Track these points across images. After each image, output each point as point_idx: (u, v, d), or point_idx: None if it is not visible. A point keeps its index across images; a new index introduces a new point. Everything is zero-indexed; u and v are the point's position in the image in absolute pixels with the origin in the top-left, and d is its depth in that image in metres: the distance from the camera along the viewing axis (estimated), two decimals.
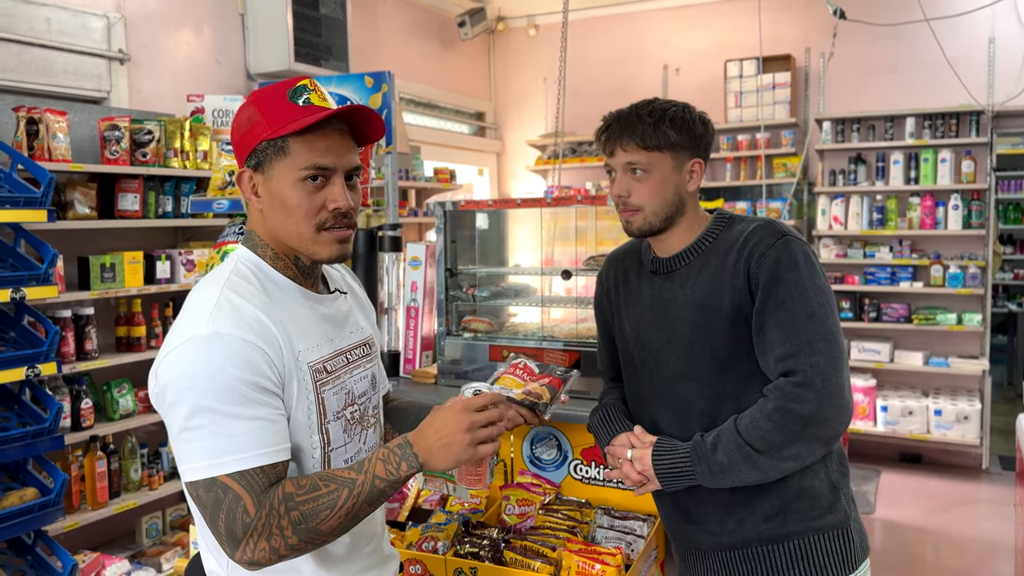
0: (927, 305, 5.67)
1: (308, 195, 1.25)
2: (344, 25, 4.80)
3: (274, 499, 1.15)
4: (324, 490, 1.17)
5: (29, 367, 2.87)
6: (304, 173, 1.24)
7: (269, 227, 1.30)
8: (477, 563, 1.81)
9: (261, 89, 1.30)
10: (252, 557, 1.14)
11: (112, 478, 3.38)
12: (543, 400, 1.42)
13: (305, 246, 1.28)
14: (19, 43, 3.41)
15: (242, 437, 1.15)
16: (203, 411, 1.14)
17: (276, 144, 1.24)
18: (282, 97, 1.25)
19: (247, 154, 1.27)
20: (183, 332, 1.19)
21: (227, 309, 1.19)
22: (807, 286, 1.49)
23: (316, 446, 1.27)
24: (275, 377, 1.20)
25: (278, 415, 1.20)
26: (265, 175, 1.27)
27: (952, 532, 4.48)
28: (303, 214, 1.26)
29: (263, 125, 1.24)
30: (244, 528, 1.13)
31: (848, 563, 1.57)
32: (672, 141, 1.56)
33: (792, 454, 1.46)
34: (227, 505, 1.13)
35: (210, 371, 1.14)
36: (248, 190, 1.29)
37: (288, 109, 1.24)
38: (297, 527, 1.15)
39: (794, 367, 1.46)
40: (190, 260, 3.72)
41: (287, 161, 1.24)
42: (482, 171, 7.38)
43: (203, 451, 1.14)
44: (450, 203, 2.48)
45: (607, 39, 6.78)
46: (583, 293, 2.50)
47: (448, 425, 1.25)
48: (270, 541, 1.14)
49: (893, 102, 5.74)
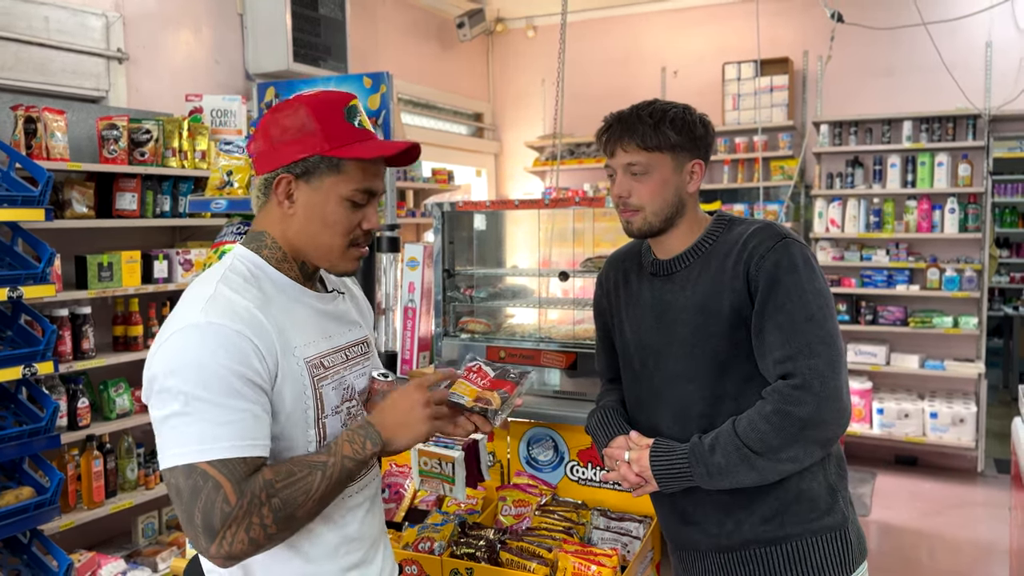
0: (923, 308, 5.69)
1: (349, 214, 1.30)
2: (343, 26, 4.80)
3: (255, 486, 1.14)
4: (300, 474, 1.18)
5: (26, 366, 2.87)
6: (354, 195, 1.29)
7: (291, 233, 1.32)
8: (473, 564, 1.81)
9: (312, 96, 1.31)
10: (229, 550, 1.13)
11: (108, 477, 3.37)
12: (492, 407, 1.40)
13: (330, 259, 1.33)
14: (17, 42, 3.41)
15: (228, 426, 1.14)
16: (190, 398, 1.14)
17: (332, 161, 1.28)
18: (339, 114, 1.29)
19: (292, 160, 1.28)
20: (176, 322, 1.20)
21: (221, 301, 1.21)
22: (806, 289, 1.49)
23: (311, 440, 1.28)
24: (264, 372, 1.20)
25: (262, 411, 1.19)
26: (311, 186, 1.29)
27: (947, 535, 4.49)
28: (341, 231, 1.30)
29: (320, 139, 1.27)
30: (223, 518, 1.11)
31: (846, 565, 1.58)
32: (672, 142, 1.56)
33: (790, 456, 1.47)
34: (206, 494, 1.12)
35: (201, 359, 1.15)
36: (283, 194, 1.30)
37: (347, 130, 1.29)
38: (277, 514, 1.15)
39: (793, 370, 1.47)
40: (188, 260, 3.72)
41: (339, 179, 1.28)
42: (480, 172, 7.39)
43: (187, 437, 1.14)
44: (448, 204, 2.48)
45: (606, 41, 6.79)
46: (580, 294, 2.51)
47: (405, 403, 1.31)
48: (249, 532, 1.13)
49: (890, 105, 5.75)
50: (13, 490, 2.87)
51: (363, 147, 1.28)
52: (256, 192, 1.34)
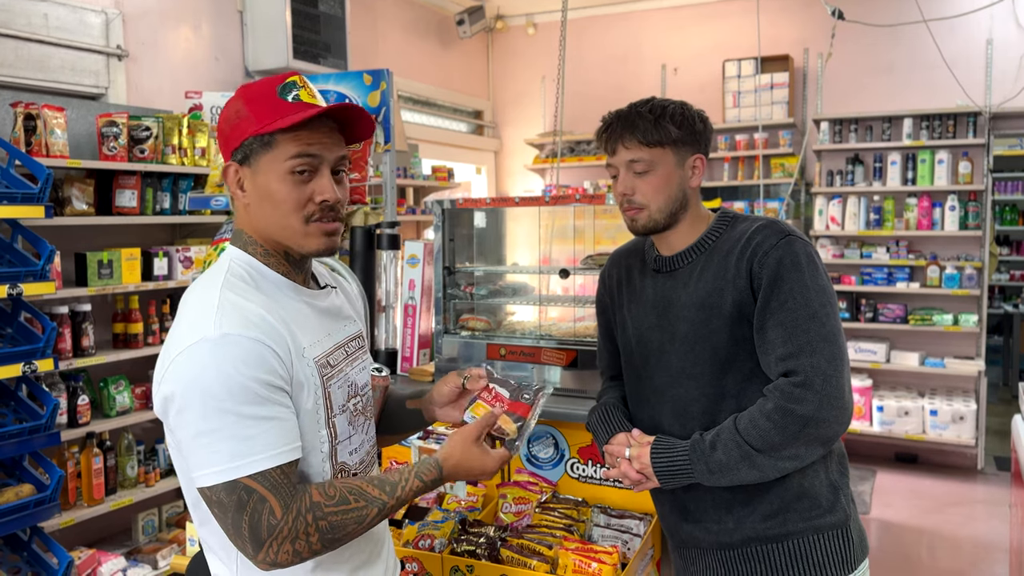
0: (923, 306, 5.69)
1: (295, 188, 1.25)
2: (343, 22, 4.79)
3: (302, 506, 1.16)
4: (354, 504, 1.21)
5: (26, 363, 2.87)
6: (290, 164, 1.24)
7: (256, 222, 1.30)
8: (474, 561, 1.81)
9: (249, 84, 1.30)
10: (275, 559, 1.16)
11: (108, 475, 3.37)
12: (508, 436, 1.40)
13: (294, 239, 1.28)
14: (17, 39, 3.41)
15: (260, 437, 1.14)
16: (218, 413, 1.13)
17: (263, 139, 1.25)
18: (271, 93, 1.26)
19: (233, 148, 1.27)
20: (188, 336, 1.17)
21: (231, 310, 1.19)
22: (809, 286, 1.49)
23: (324, 440, 1.28)
24: (284, 374, 1.20)
25: (289, 413, 1.20)
26: (252, 169, 1.27)
27: (947, 533, 4.49)
28: (290, 207, 1.26)
29: (251, 120, 1.25)
30: (269, 530, 1.14)
31: (847, 563, 1.57)
32: (673, 136, 1.56)
33: (791, 454, 1.47)
34: (252, 507, 1.13)
35: (222, 373, 1.13)
36: (234, 184, 1.29)
37: (277, 105, 1.25)
38: (324, 535, 1.18)
39: (795, 367, 1.46)
40: (187, 257, 3.72)
41: (274, 154, 1.25)
42: (480, 169, 7.38)
43: (222, 454, 1.13)
44: (448, 201, 2.48)
45: (606, 38, 6.78)
46: (581, 292, 2.51)
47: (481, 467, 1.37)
48: (294, 544, 1.16)
49: (891, 103, 5.75)
50: (13, 487, 2.87)
51: (290, 117, 1.23)
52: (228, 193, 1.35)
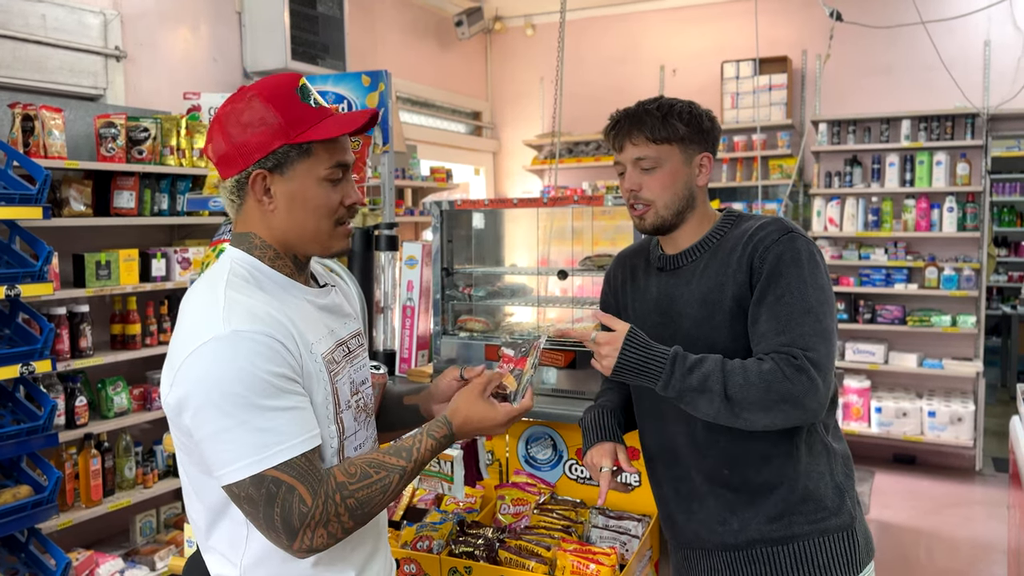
0: (922, 307, 5.69)
1: (329, 193, 1.30)
2: (341, 24, 4.79)
3: (328, 488, 1.18)
4: (376, 476, 1.24)
5: (24, 364, 2.87)
6: (329, 173, 1.29)
7: (279, 226, 1.29)
8: (472, 563, 1.81)
9: (263, 85, 1.28)
10: (312, 544, 1.17)
11: (106, 476, 3.37)
12: (509, 390, 1.45)
13: (320, 241, 1.32)
14: (15, 39, 3.40)
15: (281, 428, 1.16)
16: (237, 408, 1.14)
17: (301, 147, 1.26)
18: (294, 98, 1.27)
19: (261, 156, 1.25)
20: (197, 336, 1.17)
21: (238, 308, 1.19)
22: (808, 283, 1.48)
23: (333, 435, 1.29)
24: (296, 367, 1.21)
25: (306, 402, 1.22)
26: (285, 176, 1.27)
27: (945, 533, 4.50)
28: (325, 212, 1.30)
29: (284, 127, 1.25)
30: (301, 518, 1.15)
31: (853, 566, 1.57)
32: (681, 134, 1.56)
33: (751, 417, 1.43)
34: (282, 498, 1.15)
35: (237, 368, 1.14)
36: (260, 191, 1.28)
37: (305, 112, 1.27)
38: (354, 513, 1.20)
39: (791, 354, 1.45)
40: (185, 258, 3.72)
41: (312, 162, 1.27)
42: (478, 170, 7.38)
43: (244, 448, 1.14)
44: (446, 202, 2.48)
45: (604, 39, 6.79)
46: (579, 293, 2.51)
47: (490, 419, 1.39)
48: (328, 527, 1.18)
49: (889, 104, 5.75)
50: (11, 488, 2.87)
51: (326, 126, 1.27)
52: (228, 196, 1.31)
